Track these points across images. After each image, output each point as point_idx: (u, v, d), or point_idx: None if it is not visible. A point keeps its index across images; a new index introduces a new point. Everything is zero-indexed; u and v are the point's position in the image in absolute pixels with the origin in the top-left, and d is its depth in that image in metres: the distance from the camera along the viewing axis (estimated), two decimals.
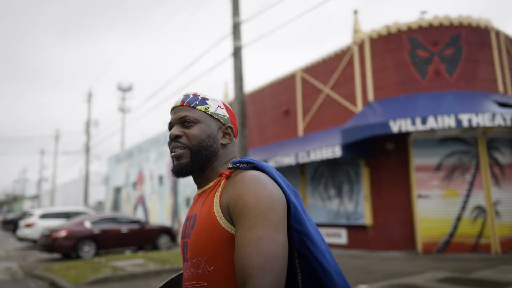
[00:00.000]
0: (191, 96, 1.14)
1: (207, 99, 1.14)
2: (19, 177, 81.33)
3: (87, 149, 26.93)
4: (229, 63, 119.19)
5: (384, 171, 9.96)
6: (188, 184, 16.66)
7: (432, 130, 9.18)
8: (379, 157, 10.05)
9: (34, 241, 15.68)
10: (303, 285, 1.01)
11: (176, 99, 1.20)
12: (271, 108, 13.52)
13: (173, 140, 1.10)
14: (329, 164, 11.19)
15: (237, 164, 1.06)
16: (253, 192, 0.94)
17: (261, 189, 0.95)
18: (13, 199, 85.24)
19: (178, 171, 1.10)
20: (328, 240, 10.92)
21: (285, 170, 12.56)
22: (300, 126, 12.28)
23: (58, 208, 17.36)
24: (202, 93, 1.16)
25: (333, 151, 9.56)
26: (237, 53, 11.96)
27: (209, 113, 1.12)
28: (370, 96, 10.27)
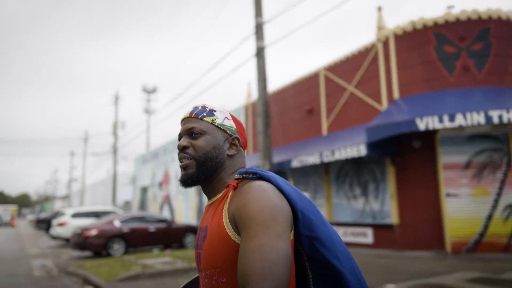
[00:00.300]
0: (200, 108, 1.17)
1: (215, 111, 1.16)
2: (50, 178, 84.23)
3: (114, 150, 27.65)
4: (252, 64, 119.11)
5: (411, 170, 9.80)
6: None
7: (460, 127, 8.98)
8: (406, 155, 9.90)
9: (66, 240, 16.26)
10: (314, 287, 1.04)
11: (186, 111, 1.26)
12: (294, 108, 13.52)
13: (181, 151, 1.13)
14: (354, 163, 11.11)
15: (244, 175, 1.07)
16: (256, 202, 0.95)
17: (264, 199, 0.96)
18: (45, 199, 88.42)
19: (185, 181, 1.12)
20: (353, 239, 10.85)
21: (309, 169, 12.54)
22: (324, 125, 12.24)
23: (88, 208, 17.93)
24: (210, 105, 1.19)
25: (358, 149, 9.49)
26: (260, 53, 12.04)
27: (216, 124, 1.14)
28: (396, 93, 10.13)
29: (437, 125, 8.40)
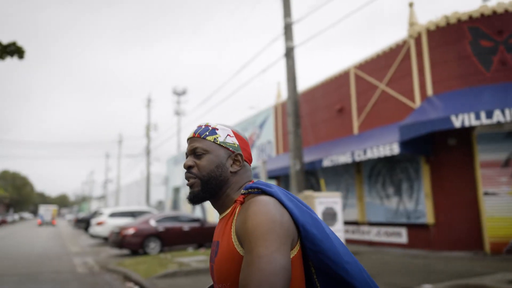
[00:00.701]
0: (203, 127, 1.21)
1: (217, 129, 1.19)
2: (87, 179, 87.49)
3: (147, 152, 28.45)
4: (281, 64, 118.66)
5: (446, 168, 9.57)
6: None
7: (499, 124, 8.69)
8: (440, 153, 9.68)
9: (104, 238, 16.93)
10: None
11: (191, 130, 1.28)
12: (324, 107, 13.48)
13: (187, 170, 1.17)
14: (387, 162, 10.96)
15: (248, 190, 1.12)
16: (255, 216, 0.99)
17: (263, 213, 0.99)
18: (82, 200, 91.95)
19: (192, 199, 1.17)
20: (387, 239, 10.71)
21: (340, 169, 12.48)
22: (355, 124, 12.14)
23: (125, 208, 18.57)
24: (213, 123, 1.22)
25: (391, 148, 9.37)
26: (289, 53, 12.09)
27: (218, 142, 1.17)
28: (429, 90, 9.92)
29: (474, 122, 8.17)
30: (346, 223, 11.79)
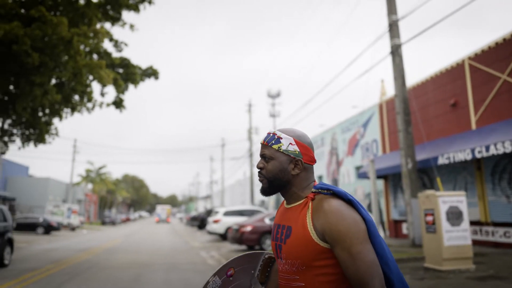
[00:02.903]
0: (270, 135, 1.43)
1: (281, 138, 1.39)
2: (193, 181, 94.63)
3: (250, 154, 29.99)
4: (383, 62, 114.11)
5: None
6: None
7: None
8: None
9: (220, 235, 18.47)
10: None
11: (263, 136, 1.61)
12: (436, 102, 12.93)
13: (259, 171, 1.44)
14: None
15: (319, 190, 1.35)
16: (343, 221, 1.23)
17: (347, 217, 1.24)
18: (189, 200, 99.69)
19: (263, 193, 1.44)
20: None
21: (457, 166, 11.88)
22: (472, 118, 11.45)
23: (237, 207, 20.02)
24: (279, 132, 1.43)
25: None
26: (396, 51, 11.92)
27: (281, 150, 1.38)
28: None
29: None
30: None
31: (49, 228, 24.88)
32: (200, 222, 29.26)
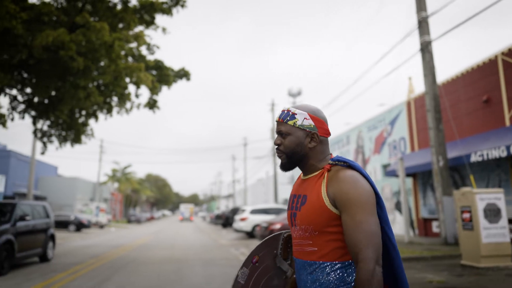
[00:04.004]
0: (285, 112, 1.49)
1: (296, 114, 1.46)
2: (215, 180, 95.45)
3: (274, 153, 30.15)
4: (412, 59, 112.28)
5: None
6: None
7: None
8: None
9: (246, 233, 18.71)
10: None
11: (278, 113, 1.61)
12: (467, 99, 12.77)
13: (277, 147, 1.50)
14: None
15: (336, 162, 1.43)
16: (354, 190, 1.30)
17: (359, 187, 1.31)
18: (211, 199, 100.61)
19: (282, 168, 1.52)
20: None
21: (491, 163, 11.72)
22: (506, 115, 11.27)
23: (263, 206, 20.26)
24: (293, 108, 1.49)
25: None
26: (426, 48, 11.85)
27: (297, 125, 1.45)
28: None
29: None
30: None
31: (80, 226, 25.75)
32: (224, 221, 29.57)
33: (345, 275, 1.34)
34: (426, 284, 6.08)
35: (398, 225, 16.28)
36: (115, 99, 10.71)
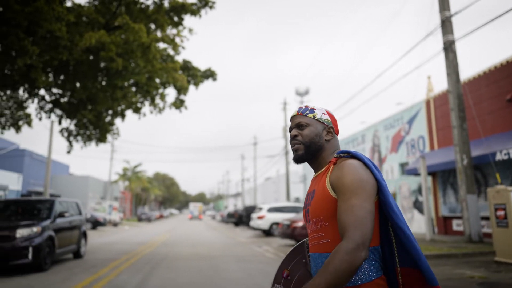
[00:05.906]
0: (304, 107, 1.57)
1: (315, 109, 1.55)
2: (222, 179, 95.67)
3: (286, 152, 30.30)
4: (433, 58, 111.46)
5: None
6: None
7: None
8: None
9: (263, 231, 18.87)
10: (395, 240, 1.43)
11: (294, 110, 1.67)
12: (491, 97, 12.83)
13: (293, 139, 1.54)
14: None
15: (340, 154, 1.48)
16: (348, 175, 1.34)
17: (354, 173, 1.34)
18: (218, 197, 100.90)
19: (297, 160, 1.55)
20: None
21: None
22: None
23: (279, 204, 20.42)
24: (311, 104, 1.59)
25: None
26: (449, 47, 11.93)
27: (316, 118, 1.53)
28: None
29: None
30: None
31: (96, 224, 26.05)
32: (238, 219, 29.73)
33: None
34: (468, 279, 6.21)
35: (417, 223, 16.38)
36: (147, 98, 10.90)
